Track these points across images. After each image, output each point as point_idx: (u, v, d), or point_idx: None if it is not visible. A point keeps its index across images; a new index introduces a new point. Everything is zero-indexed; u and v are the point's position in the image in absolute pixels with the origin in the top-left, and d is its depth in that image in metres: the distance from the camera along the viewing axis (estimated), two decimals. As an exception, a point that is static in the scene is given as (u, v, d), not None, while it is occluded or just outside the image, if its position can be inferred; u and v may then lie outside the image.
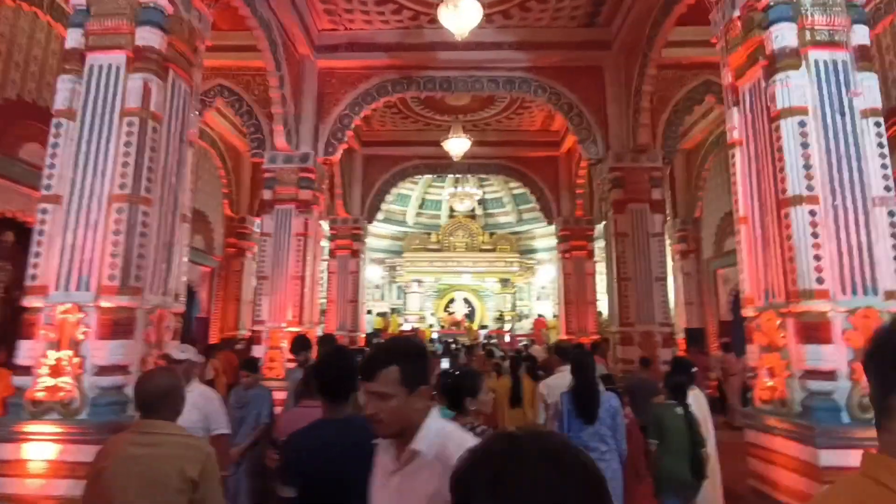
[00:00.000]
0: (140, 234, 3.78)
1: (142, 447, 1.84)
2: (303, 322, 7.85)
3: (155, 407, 1.92)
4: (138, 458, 1.82)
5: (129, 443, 1.89)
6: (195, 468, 1.82)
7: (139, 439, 1.88)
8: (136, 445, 1.86)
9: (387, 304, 21.00)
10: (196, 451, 1.88)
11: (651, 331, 7.71)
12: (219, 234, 11.91)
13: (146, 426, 1.92)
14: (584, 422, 3.24)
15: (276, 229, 8.07)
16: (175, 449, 1.86)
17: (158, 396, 1.93)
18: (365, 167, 12.97)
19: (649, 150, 8.20)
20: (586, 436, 3.26)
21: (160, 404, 1.92)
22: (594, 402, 3.25)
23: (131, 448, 1.85)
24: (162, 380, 2.00)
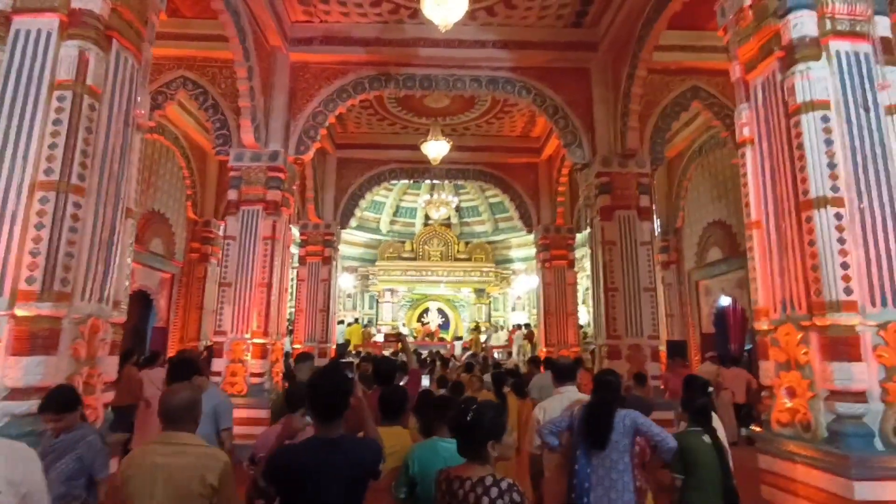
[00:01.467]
0: (69, 228, 3.17)
1: (166, 456, 2.00)
2: (268, 333, 7.22)
3: (178, 419, 2.08)
4: (163, 466, 1.97)
5: (154, 452, 2.04)
6: (214, 476, 1.96)
7: (163, 449, 2.03)
8: (161, 455, 2.01)
9: (359, 313, 20.32)
10: (215, 461, 2.02)
11: (640, 344, 7.35)
12: (181, 238, 11.13)
13: (170, 437, 2.07)
14: (592, 445, 2.79)
15: (241, 232, 7.44)
16: (196, 458, 2.01)
17: (181, 410, 2.09)
18: (338, 170, 12.40)
19: (637, 155, 7.90)
20: (596, 460, 2.81)
21: (182, 417, 2.08)
22: (605, 424, 2.79)
23: (157, 457, 2.01)
24: (185, 394, 2.15)
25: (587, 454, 2.84)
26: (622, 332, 7.39)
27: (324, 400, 2.04)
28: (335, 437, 2.02)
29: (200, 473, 1.96)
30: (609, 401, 2.87)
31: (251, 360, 7.05)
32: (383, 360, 3.54)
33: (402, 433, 2.78)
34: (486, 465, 1.91)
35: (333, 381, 2.10)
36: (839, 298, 3.29)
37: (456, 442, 2.00)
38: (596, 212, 7.98)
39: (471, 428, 1.93)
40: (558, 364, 3.68)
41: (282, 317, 7.77)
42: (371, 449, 2.14)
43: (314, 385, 2.11)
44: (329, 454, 1.96)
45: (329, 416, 2.04)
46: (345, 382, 2.11)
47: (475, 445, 1.93)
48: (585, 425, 2.86)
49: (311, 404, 2.10)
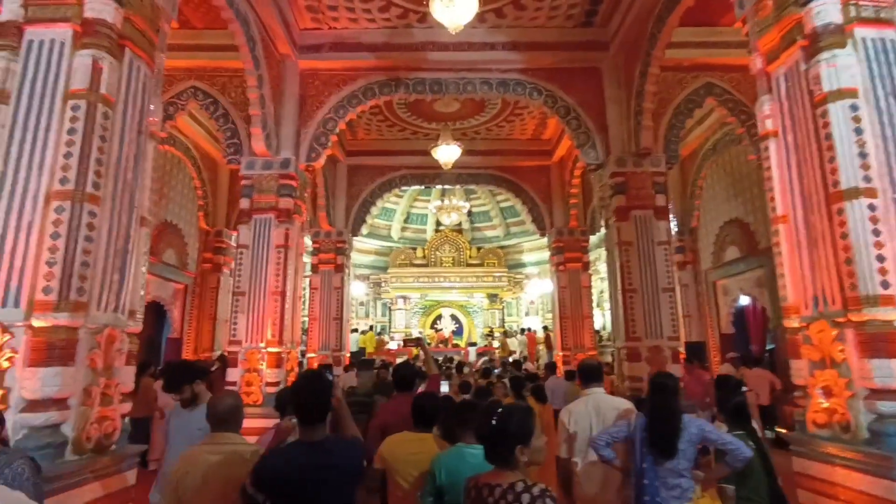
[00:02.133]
0: (85, 237, 3.14)
1: (217, 455, 2.23)
2: (283, 342, 7.17)
3: (224, 421, 2.32)
4: (215, 464, 2.20)
5: (206, 452, 2.26)
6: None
7: (215, 448, 2.26)
8: (213, 454, 2.24)
9: (372, 321, 20.27)
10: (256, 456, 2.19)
11: (660, 346, 7.20)
12: (193, 249, 11.16)
13: (219, 438, 2.31)
14: (660, 454, 2.64)
15: (254, 241, 7.42)
16: (244, 456, 2.21)
17: (227, 413, 2.34)
18: (349, 178, 12.40)
19: (652, 154, 7.78)
20: (663, 471, 2.67)
21: (228, 419, 2.33)
22: (673, 431, 2.64)
23: (210, 456, 2.23)
24: (229, 399, 2.44)
25: (654, 465, 2.68)
26: (641, 334, 7.25)
27: (307, 403, 2.08)
28: (320, 440, 2.06)
29: (246, 467, 2.11)
30: (673, 405, 2.73)
31: (266, 369, 7.01)
32: (403, 365, 3.45)
33: (428, 439, 2.70)
34: (515, 470, 1.82)
35: (315, 384, 2.14)
36: (876, 293, 3.16)
37: (483, 448, 1.91)
38: (611, 212, 7.86)
39: (498, 433, 1.84)
40: (584, 364, 3.57)
41: (296, 325, 7.73)
42: (355, 448, 2.19)
43: (297, 389, 2.18)
44: (315, 457, 2.00)
45: (312, 419, 2.08)
46: (326, 385, 2.15)
47: (503, 451, 1.84)
48: (651, 433, 2.70)
49: (295, 409, 2.14)
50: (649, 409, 2.76)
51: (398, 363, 3.46)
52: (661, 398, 2.74)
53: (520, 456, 1.80)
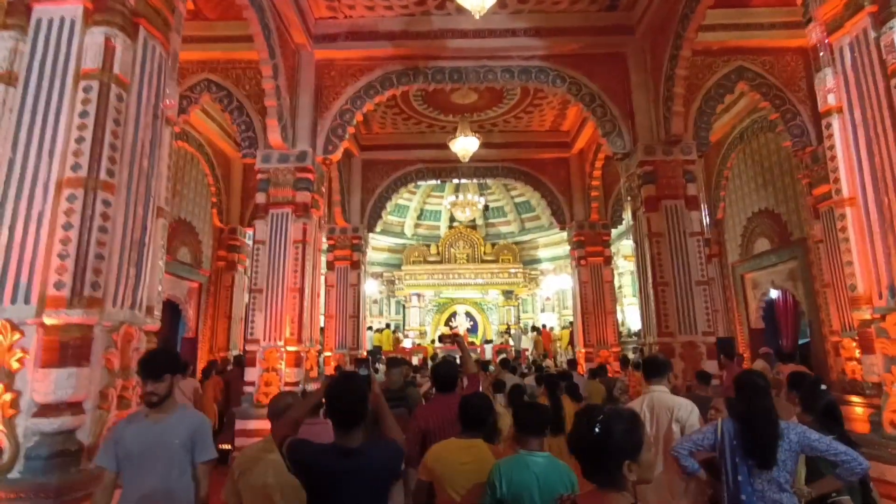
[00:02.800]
0: (99, 228, 2.91)
1: (275, 453, 2.20)
2: (302, 340, 6.95)
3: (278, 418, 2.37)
4: (273, 461, 2.26)
5: (264, 450, 2.41)
6: None
7: (273, 446, 2.24)
8: (272, 452, 2.27)
9: (386, 319, 20.07)
10: None
11: (694, 341, 6.89)
12: (207, 247, 10.99)
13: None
14: (757, 464, 2.35)
15: (270, 236, 7.20)
16: None
17: (280, 411, 2.40)
18: (364, 173, 12.16)
19: (682, 142, 7.45)
20: (760, 484, 2.35)
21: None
22: (772, 437, 2.31)
23: (268, 454, 2.33)
24: (288, 397, 2.66)
25: (751, 477, 2.37)
26: (675, 329, 6.94)
27: (342, 408, 2.03)
28: (356, 447, 2.00)
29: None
30: (770, 409, 2.41)
31: (285, 368, 6.79)
32: (444, 364, 3.17)
33: (480, 446, 2.43)
34: (622, 491, 1.49)
35: (350, 388, 2.08)
36: (966, 280, 2.85)
37: (582, 464, 1.59)
38: (640, 203, 7.54)
39: (600, 445, 1.48)
40: (648, 359, 3.28)
41: (315, 323, 7.50)
42: (391, 452, 2.10)
43: (331, 394, 2.10)
44: (350, 464, 1.95)
45: (348, 424, 2.02)
46: (361, 388, 2.09)
47: (607, 468, 1.49)
48: (746, 441, 2.38)
49: (330, 414, 2.08)
50: (741, 413, 2.45)
51: (439, 360, 3.17)
52: (754, 399, 2.43)
53: (627, 473, 1.49)
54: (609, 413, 1.53)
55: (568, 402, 4.78)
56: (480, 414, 2.49)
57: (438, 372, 3.12)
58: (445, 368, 3.13)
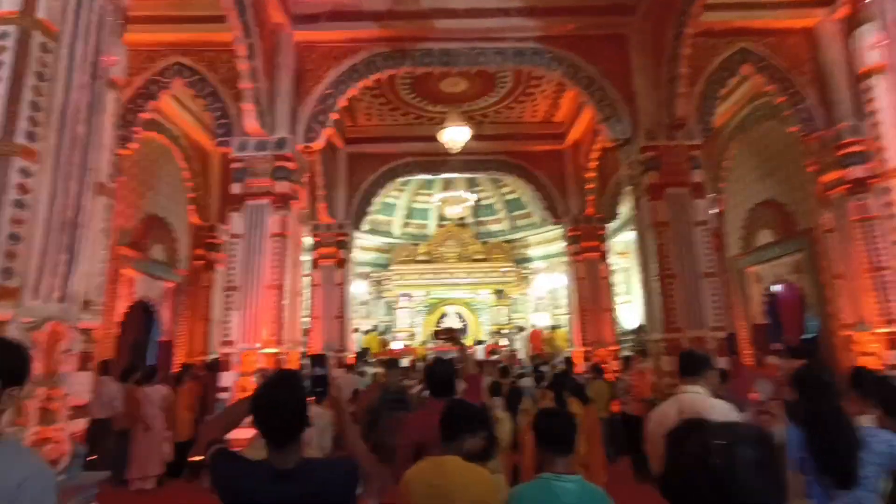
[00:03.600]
0: (15, 203, 2.38)
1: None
2: (282, 342, 6.41)
3: None
4: None
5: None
6: None
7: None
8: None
9: (374, 321, 19.49)
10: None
11: (703, 336, 6.46)
12: (184, 245, 10.38)
13: None
14: (834, 483, 1.88)
15: (247, 229, 6.66)
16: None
17: None
18: (350, 167, 11.63)
19: (686, 126, 7.03)
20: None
21: None
22: (850, 449, 1.84)
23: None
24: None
25: (828, 501, 1.89)
26: (682, 324, 6.51)
27: (271, 419, 1.59)
28: (292, 468, 1.58)
29: None
30: (842, 411, 1.93)
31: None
32: (439, 363, 2.64)
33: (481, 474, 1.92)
34: None
35: (283, 393, 1.62)
36: None
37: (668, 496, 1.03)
38: (642, 191, 7.12)
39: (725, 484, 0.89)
40: (684, 353, 2.81)
41: (296, 323, 6.97)
42: (340, 474, 1.67)
43: (258, 402, 1.64)
44: (282, 491, 1.55)
45: (280, 440, 1.60)
46: (297, 395, 1.64)
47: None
48: (819, 455, 1.91)
49: (259, 426, 1.63)
50: (807, 418, 1.98)
51: (434, 359, 2.64)
52: (821, 400, 1.96)
53: None
54: (733, 435, 0.94)
55: (576, 404, 4.31)
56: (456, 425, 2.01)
57: (434, 372, 2.60)
58: (442, 368, 2.62)
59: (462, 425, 2.05)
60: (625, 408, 7.16)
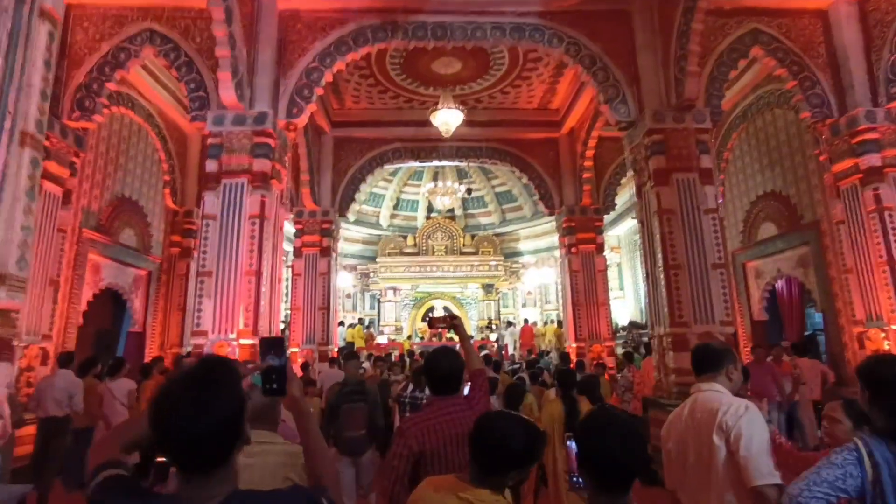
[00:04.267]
0: None
1: (252, 456, 1.91)
2: (258, 332, 5.89)
3: (258, 417, 2.00)
4: (247, 466, 1.83)
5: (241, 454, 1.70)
6: (297, 472, 1.93)
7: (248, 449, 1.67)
8: (247, 455, 1.74)
9: (360, 314, 19.00)
10: (296, 458, 1.93)
11: (711, 331, 6.06)
12: (158, 231, 9.78)
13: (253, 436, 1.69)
14: None
15: (222, 210, 6.12)
16: (279, 457, 2.01)
17: (262, 407, 2.06)
18: (336, 151, 11.09)
19: (695, 109, 6.63)
20: None
21: (262, 415, 2.08)
22: None
23: (243, 458, 1.63)
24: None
25: None
26: (689, 318, 6.11)
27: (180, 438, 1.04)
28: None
29: (284, 472, 1.95)
30: None
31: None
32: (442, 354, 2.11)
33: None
34: None
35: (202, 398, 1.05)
36: None
37: None
38: (647, 177, 6.71)
39: None
40: (698, 347, 2.36)
41: (275, 312, 6.45)
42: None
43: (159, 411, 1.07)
44: None
45: (197, 466, 1.08)
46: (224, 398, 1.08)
47: None
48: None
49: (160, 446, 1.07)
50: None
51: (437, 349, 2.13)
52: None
53: None
54: None
55: (586, 403, 3.87)
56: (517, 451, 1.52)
57: (436, 365, 2.06)
58: (447, 360, 2.08)
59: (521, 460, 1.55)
60: (625, 406, 6.77)
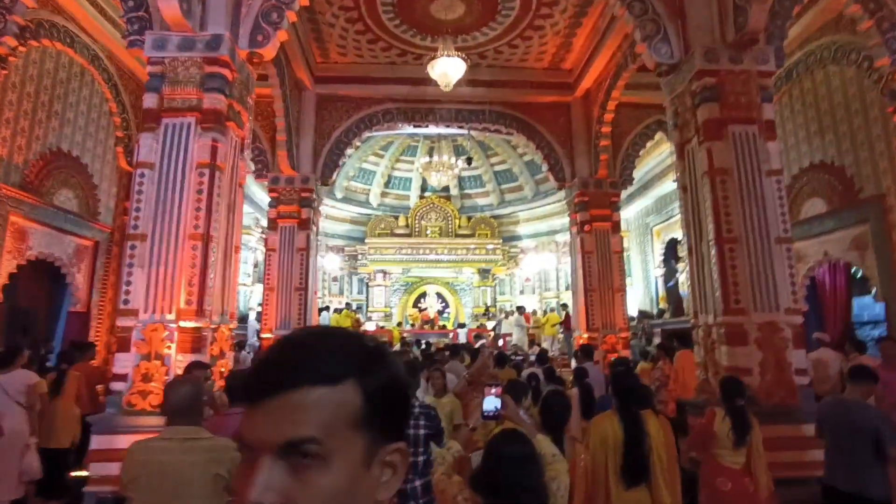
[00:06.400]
0: None
1: (172, 454, 1.98)
2: (204, 313, 4.59)
3: (181, 413, 2.07)
4: (171, 463, 1.96)
5: (160, 450, 2.02)
6: (225, 467, 1.98)
7: (169, 446, 2.01)
8: (167, 453, 1.99)
9: (347, 299, 17.72)
10: (223, 452, 2.02)
11: (775, 321, 4.86)
12: (108, 194, 8.41)
13: (174, 432, 2.05)
14: None
15: (163, 157, 4.79)
16: (203, 453, 2.00)
17: (186, 401, 2.08)
18: (318, 110, 9.72)
19: (757, 46, 5.36)
20: None
21: (186, 411, 2.07)
22: None
23: (162, 456, 1.99)
24: (186, 388, 2.17)
25: None
26: (747, 305, 4.89)
27: None
28: None
29: (210, 469, 1.96)
30: None
31: (177, 355, 4.43)
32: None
33: None
34: None
35: None
36: None
37: None
38: (694, 130, 5.45)
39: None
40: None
41: (231, 289, 5.15)
42: None
43: None
44: None
45: None
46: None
47: None
48: None
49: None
50: None
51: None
52: None
53: None
54: None
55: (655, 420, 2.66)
56: None
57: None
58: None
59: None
60: (659, 407, 5.57)
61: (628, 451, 2.54)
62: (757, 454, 3.05)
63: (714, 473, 2.97)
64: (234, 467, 1.96)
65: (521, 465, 1.54)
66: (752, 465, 3.01)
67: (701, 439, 3.04)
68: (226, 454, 2.01)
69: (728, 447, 2.98)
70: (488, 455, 1.59)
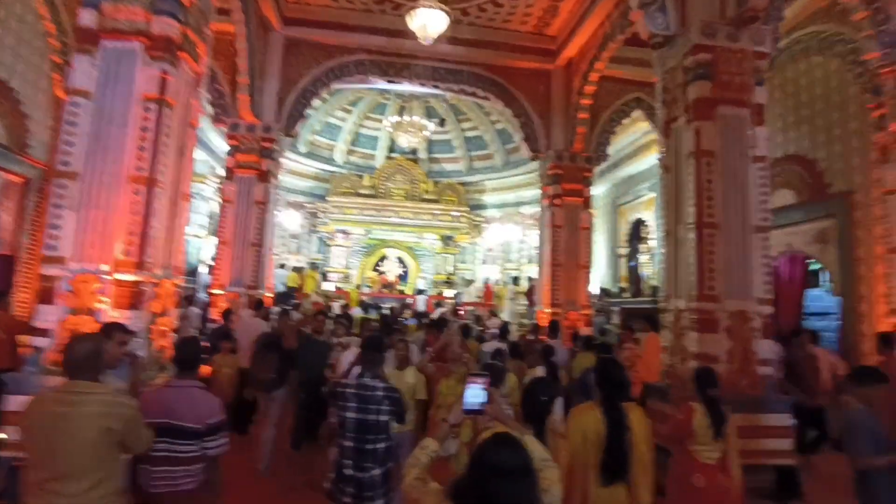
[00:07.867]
0: None
1: (67, 406, 2.03)
2: (143, 264, 4.11)
3: (80, 368, 2.11)
4: (64, 415, 2.01)
5: (55, 401, 2.07)
6: (119, 421, 2.05)
7: (64, 398, 2.05)
8: (61, 404, 2.04)
9: (306, 258, 17.15)
10: (119, 407, 2.09)
11: (746, 311, 4.80)
12: (41, 126, 7.57)
13: (70, 386, 2.10)
14: None
15: (101, 85, 4.19)
16: (97, 406, 2.04)
17: (84, 359, 2.13)
18: (286, 55, 9.01)
19: (757, 23, 5.13)
20: None
21: (84, 366, 2.12)
22: None
23: (57, 407, 2.04)
24: (88, 344, 2.19)
25: None
26: (721, 292, 4.80)
27: None
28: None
29: (103, 422, 2.01)
30: None
31: (112, 311, 3.97)
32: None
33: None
34: None
35: None
36: None
37: None
38: (683, 108, 5.23)
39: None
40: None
41: (177, 239, 4.66)
42: None
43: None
44: None
45: None
46: None
47: None
48: None
49: None
50: None
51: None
52: None
53: None
54: None
55: (637, 412, 2.47)
56: None
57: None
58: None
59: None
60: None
61: (610, 447, 2.35)
62: (732, 447, 2.93)
63: (689, 469, 2.84)
64: (126, 423, 2.05)
65: (515, 479, 1.34)
66: (727, 459, 2.89)
67: (678, 435, 2.89)
68: (119, 409, 2.06)
69: (706, 443, 2.85)
70: (476, 464, 1.37)
